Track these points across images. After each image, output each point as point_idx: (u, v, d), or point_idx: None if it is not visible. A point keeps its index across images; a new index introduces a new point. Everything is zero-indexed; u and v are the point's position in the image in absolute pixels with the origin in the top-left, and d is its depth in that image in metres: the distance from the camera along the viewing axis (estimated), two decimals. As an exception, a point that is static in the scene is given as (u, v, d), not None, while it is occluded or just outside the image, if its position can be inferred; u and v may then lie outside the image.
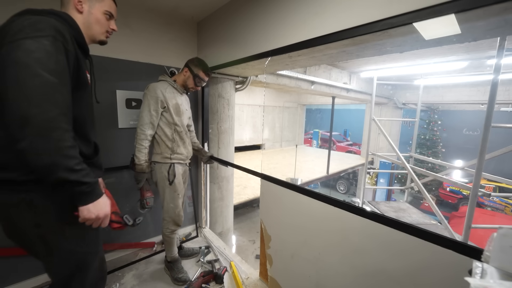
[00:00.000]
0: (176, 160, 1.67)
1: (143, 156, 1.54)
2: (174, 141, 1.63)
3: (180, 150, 1.68)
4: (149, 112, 1.53)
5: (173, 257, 1.79)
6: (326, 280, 1.26)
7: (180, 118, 1.65)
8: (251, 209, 7.05)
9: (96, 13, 0.93)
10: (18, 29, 0.70)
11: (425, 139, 9.68)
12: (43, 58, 0.70)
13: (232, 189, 2.80)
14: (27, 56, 0.68)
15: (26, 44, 0.69)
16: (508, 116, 8.74)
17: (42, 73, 0.69)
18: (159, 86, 1.56)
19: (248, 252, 5.03)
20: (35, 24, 0.72)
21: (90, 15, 0.92)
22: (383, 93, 7.81)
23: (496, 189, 6.77)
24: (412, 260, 0.92)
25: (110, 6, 0.97)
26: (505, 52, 2.04)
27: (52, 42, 0.73)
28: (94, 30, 0.94)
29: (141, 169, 1.55)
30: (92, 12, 0.92)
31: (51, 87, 0.70)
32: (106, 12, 0.95)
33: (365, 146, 6.55)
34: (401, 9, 0.89)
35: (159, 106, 1.55)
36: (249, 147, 8.63)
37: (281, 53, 1.42)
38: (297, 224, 1.39)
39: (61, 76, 0.74)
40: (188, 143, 1.77)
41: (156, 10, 1.94)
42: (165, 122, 1.61)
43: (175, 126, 1.63)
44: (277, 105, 9.66)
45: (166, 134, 1.61)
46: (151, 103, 1.53)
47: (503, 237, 0.55)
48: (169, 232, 1.71)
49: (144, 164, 1.55)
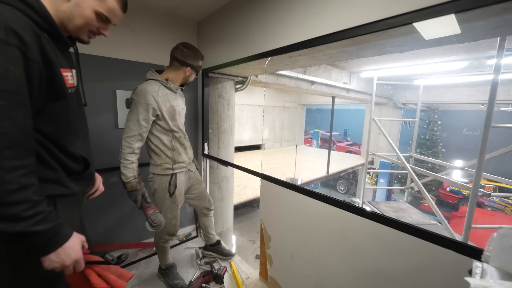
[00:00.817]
0: (178, 170, 1.52)
1: (131, 173, 1.34)
2: (174, 149, 1.47)
3: (182, 158, 1.52)
4: (137, 122, 1.31)
5: (168, 264, 1.72)
6: (326, 280, 1.26)
7: (176, 122, 1.48)
8: (251, 209, 7.04)
9: (85, 9, 0.73)
10: None
11: (425, 139, 9.68)
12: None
13: (232, 189, 2.80)
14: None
15: None
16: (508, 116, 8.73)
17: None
18: (149, 90, 1.33)
19: (248, 252, 5.03)
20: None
21: (77, 7, 0.72)
22: (383, 93, 7.80)
23: (496, 189, 6.76)
24: (412, 260, 0.92)
25: (109, 10, 0.77)
26: (505, 52, 2.04)
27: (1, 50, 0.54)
28: (73, 25, 0.74)
29: (132, 187, 1.35)
30: (81, 5, 0.72)
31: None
32: (100, 14, 0.76)
33: (365, 146, 6.55)
34: (401, 9, 0.89)
35: (150, 115, 1.33)
36: (249, 147, 8.63)
37: (281, 53, 1.42)
38: (297, 224, 1.39)
39: (13, 96, 0.57)
40: (189, 147, 1.61)
41: (156, 10, 1.94)
42: (161, 130, 1.42)
43: (173, 132, 1.46)
44: (277, 105, 9.65)
45: (164, 144, 1.44)
46: (140, 111, 1.30)
47: (503, 237, 0.55)
48: (162, 242, 1.62)
49: (133, 181, 1.34)
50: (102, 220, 1.94)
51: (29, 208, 0.59)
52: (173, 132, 1.47)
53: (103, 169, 1.87)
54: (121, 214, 2.03)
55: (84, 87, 0.89)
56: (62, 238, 0.67)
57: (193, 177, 1.70)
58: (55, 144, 0.75)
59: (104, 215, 1.94)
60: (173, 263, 1.76)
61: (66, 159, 0.78)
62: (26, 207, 0.58)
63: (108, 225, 1.98)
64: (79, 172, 0.84)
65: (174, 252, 2.11)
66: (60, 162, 0.76)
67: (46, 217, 0.62)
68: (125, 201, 2.04)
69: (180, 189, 1.56)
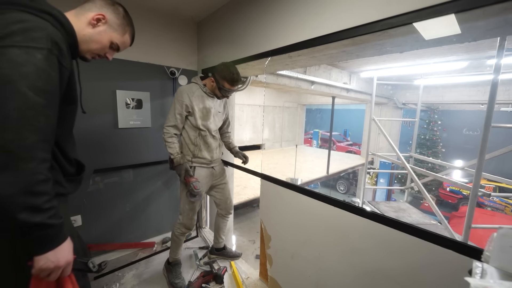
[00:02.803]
0: (198, 164, 1.65)
1: (174, 150, 1.57)
2: (196, 145, 1.62)
3: (202, 154, 1.65)
4: (174, 115, 1.57)
5: (176, 260, 1.77)
6: (326, 280, 1.26)
7: (206, 122, 1.63)
8: (251, 209, 7.04)
9: (105, 38, 0.85)
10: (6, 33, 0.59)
11: (425, 139, 9.67)
12: (31, 75, 0.60)
13: (232, 189, 2.80)
14: (11, 69, 0.58)
15: (12, 54, 0.59)
16: (508, 116, 8.74)
17: (27, 92, 0.59)
18: (186, 90, 1.58)
19: (248, 252, 5.02)
20: (30, 31, 0.62)
21: (98, 34, 0.83)
22: (383, 93, 7.80)
23: (496, 189, 6.76)
24: (412, 260, 0.93)
25: (123, 44, 0.90)
26: (505, 52, 2.04)
27: (46, 57, 0.63)
28: (88, 47, 0.84)
29: (177, 161, 1.58)
30: (102, 34, 0.84)
31: (35, 109, 0.61)
32: (114, 45, 0.88)
33: (365, 146, 6.55)
34: (401, 9, 0.89)
35: (184, 110, 1.57)
36: (249, 147, 8.63)
37: (281, 53, 1.42)
38: (297, 224, 1.39)
39: (50, 97, 0.65)
40: (215, 147, 1.71)
41: (156, 10, 1.94)
42: (190, 126, 1.61)
43: (200, 130, 1.62)
44: (277, 105, 9.65)
45: (190, 138, 1.62)
46: (177, 106, 1.57)
47: (503, 237, 0.55)
48: (178, 233, 1.71)
49: (177, 156, 1.57)
50: (102, 220, 1.94)
51: (47, 201, 0.62)
52: (200, 130, 1.62)
53: (103, 169, 1.87)
54: (121, 214, 2.03)
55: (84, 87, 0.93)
56: (63, 237, 0.68)
57: (217, 176, 1.80)
58: (57, 145, 0.78)
59: (104, 215, 1.94)
60: (180, 261, 1.80)
61: (63, 160, 0.81)
62: (46, 199, 0.62)
63: (108, 225, 1.98)
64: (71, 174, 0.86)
65: (174, 252, 2.12)
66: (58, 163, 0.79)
67: (57, 212, 0.65)
68: (125, 201, 2.04)
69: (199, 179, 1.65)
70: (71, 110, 0.83)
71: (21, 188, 0.58)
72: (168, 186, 2.28)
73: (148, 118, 2.04)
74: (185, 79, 2.17)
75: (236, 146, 1.93)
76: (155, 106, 2.07)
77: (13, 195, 0.57)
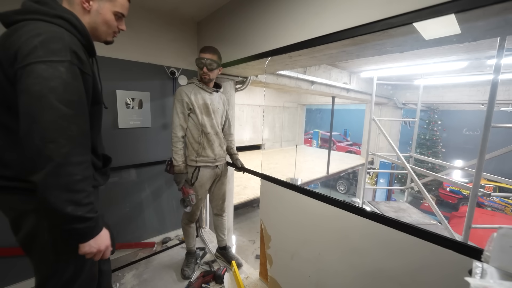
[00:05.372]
0: (203, 163, 1.68)
1: (180, 158, 1.61)
2: (200, 143, 1.65)
3: (206, 152, 1.68)
4: (177, 115, 1.61)
5: (189, 249, 1.91)
6: (326, 280, 1.26)
7: (209, 118, 1.67)
8: (251, 209, 7.05)
9: (105, 14, 0.84)
10: (29, 50, 0.64)
11: (425, 139, 9.68)
12: (59, 88, 0.65)
13: (232, 189, 2.80)
14: (41, 85, 0.63)
15: (39, 70, 0.64)
16: (508, 116, 8.75)
17: (57, 105, 0.65)
18: (184, 89, 1.62)
19: (248, 252, 5.03)
20: (48, 43, 0.66)
21: (98, 15, 0.83)
22: (383, 93, 7.80)
23: (496, 189, 6.77)
24: (412, 260, 0.92)
25: (122, 6, 0.88)
26: (505, 52, 2.04)
27: (68, 69, 0.67)
28: (100, 31, 0.86)
29: (179, 170, 1.62)
30: (101, 12, 0.83)
31: (66, 120, 0.67)
32: (117, 13, 0.87)
33: (365, 146, 6.55)
34: (401, 9, 0.89)
35: (185, 108, 1.61)
36: (249, 147, 8.63)
37: (281, 53, 1.42)
38: (297, 224, 1.39)
39: (78, 106, 0.71)
40: (218, 145, 1.74)
41: (156, 10, 1.94)
42: (193, 124, 1.64)
43: (202, 127, 1.64)
44: (277, 105, 9.65)
45: (193, 137, 1.65)
46: (178, 106, 1.61)
47: (503, 237, 0.55)
48: (184, 223, 1.84)
49: (181, 165, 1.62)
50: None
51: (86, 197, 0.72)
52: (203, 127, 1.66)
53: (103, 169, 1.87)
54: (121, 214, 2.03)
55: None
56: (100, 227, 0.80)
57: (219, 175, 1.83)
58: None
59: (104, 215, 1.93)
60: (193, 251, 1.93)
61: (93, 157, 0.88)
62: (84, 195, 0.71)
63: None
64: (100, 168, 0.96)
65: (173, 252, 2.12)
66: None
67: (94, 207, 0.75)
68: (125, 201, 2.04)
69: (202, 181, 1.71)
70: (97, 109, 0.89)
71: (63, 187, 0.67)
72: (168, 186, 2.28)
73: (148, 118, 2.04)
74: (185, 79, 2.16)
75: (237, 154, 1.94)
76: (155, 106, 2.07)
77: (59, 195, 0.67)
